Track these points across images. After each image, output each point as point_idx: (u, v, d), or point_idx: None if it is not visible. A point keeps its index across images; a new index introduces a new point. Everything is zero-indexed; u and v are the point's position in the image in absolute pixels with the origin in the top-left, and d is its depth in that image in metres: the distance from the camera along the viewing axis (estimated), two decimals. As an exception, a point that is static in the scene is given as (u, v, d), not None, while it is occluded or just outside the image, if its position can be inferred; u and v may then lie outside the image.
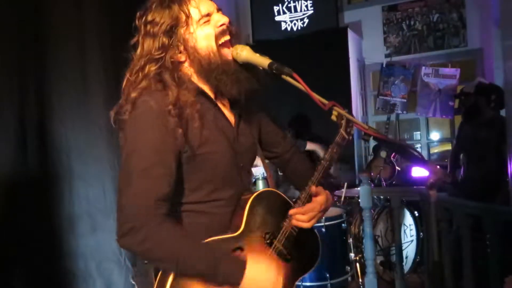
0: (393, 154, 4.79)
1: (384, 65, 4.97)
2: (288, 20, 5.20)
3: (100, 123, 2.51)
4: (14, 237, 2.14)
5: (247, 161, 1.38)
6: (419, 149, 5.32)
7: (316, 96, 1.14)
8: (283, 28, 5.22)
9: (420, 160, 1.28)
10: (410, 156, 1.29)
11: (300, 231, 1.34)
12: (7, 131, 2.15)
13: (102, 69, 2.56)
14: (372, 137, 1.28)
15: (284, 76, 1.17)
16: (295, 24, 5.17)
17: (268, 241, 1.31)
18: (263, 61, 1.20)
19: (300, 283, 3.47)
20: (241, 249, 1.22)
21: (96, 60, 2.57)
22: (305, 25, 5.12)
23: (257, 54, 1.23)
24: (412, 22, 5.02)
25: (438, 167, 1.31)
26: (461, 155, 3.51)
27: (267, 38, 5.13)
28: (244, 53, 1.23)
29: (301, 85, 1.12)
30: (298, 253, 1.37)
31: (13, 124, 2.18)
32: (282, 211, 1.34)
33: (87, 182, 2.47)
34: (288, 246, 1.33)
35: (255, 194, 1.30)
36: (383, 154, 4.83)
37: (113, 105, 2.61)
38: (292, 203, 1.38)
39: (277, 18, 5.25)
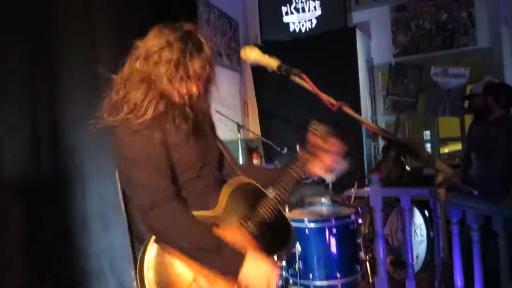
0: (403, 153, 4.78)
1: (392, 65, 4.96)
2: (296, 21, 5.22)
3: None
4: (27, 236, 2.18)
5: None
6: (428, 149, 5.31)
7: (324, 97, 1.16)
8: (291, 29, 5.24)
9: (428, 159, 1.29)
10: (418, 155, 1.30)
11: (275, 218, 1.46)
12: (20, 131, 2.18)
13: (112, 69, 2.59)
14: (380, 136, 1.30)
15: (292, 77, 1.19)
16: (303, 25, 5.19)
17: (243, 222, 1.43)
18: (272, 62, 1.22)
19: (310, 283, 3.49)
20: (217, 225, 1.35)
21: (107, 60, 2.61)
22: (313, 25, 5.14)
23: (266, 55, 1.25)
24: (420, 22, 5.01)
25: (447, 165, 1.31)
26: (472, 154, 3.50)
27: (275, 39, 5.15)
28: (253, 54, 1.25)
29: (309, 86, 1.14)
30: (269, 235, 1.47)
31: (26, 125, 2.22)
32: (257, 198, 1.47)
33: (99, 181, 2.51)
34: (261, 228, 1.44)
35: (236, 183, 1.45)
36: (392, 154, 4.82)
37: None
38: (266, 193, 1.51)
39: (285, 19, 5.27)
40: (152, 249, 1.26)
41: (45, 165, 2.30)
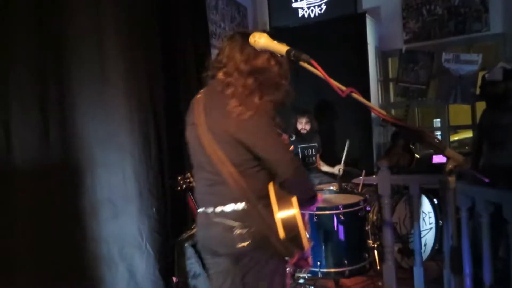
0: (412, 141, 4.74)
1: (403, 51, 4.89)
2: (305, 6, 5.15)
3: (120, 112, 2.55)
4: (38, 223, 2.20)
5: None
6: (439, 136, 5.25)
7: (334, 83, 1.14)
8: (300, 15, 5.18)
9: (438, 147, 1.28)
10: (429, 142, 1.29)
11: None
12: (30, 121, 2.20)
13: (121, 59, 2.59)
14: (390, 123, 1.28)
15: (302, 63, 1.17)
16: (312, 10, 5.12)
17: None
18: (281, 48, 1.21)
19: (317, 269, 3.50)
20: None
21: (115, 49, 2.61)
22: (322, 11, 5.07)
23: (275, 41, 1.24)
24: (432, 7, 4.91)
25: (457, 154, 1.30)
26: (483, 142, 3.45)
27: (284, 25, 5.10)
28: (262, 40, 1.24)
29: (319, 72, 1.12)
30: None
31: (36, 114, 2.24)
32: None
33: (108, 169, 2.53)
34: None
35: None
36: (401, 141, 4.78)
37: (131, 94, 2.66)
38: None
39: (294, 5, 5.21)
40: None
41: (55, 153, 2.32)
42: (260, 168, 1.61)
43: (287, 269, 1.71)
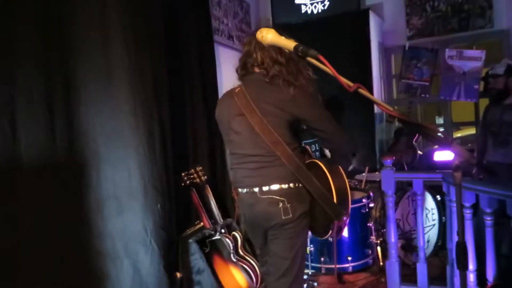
0: (416, 138, 4.74)
1: (406, 48, 4.87)
2: (308, 3, 5.14)
3: (125, 108, 2.56)
4: (43, 219, 2.21)
5: None
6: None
7: (341, 78, 1.14)
8: (303, 11, 5.16)
9: (444, 142, 1.28)
10: (435, 138, 1.29)
11: None
12: (35, 116, 2.20)
13: (126, 55, 2.60)
14: (396, 119, 1.29)
15: (309, 58, 1.18)
16: (315, 6, 5.11)
17: None
18: (289, 44, 1.21)
19: (321, 265, 3.52)
20: None
21: (120, 46, 2.61)
22: (325, 7, 5.05)
23: (283, 37, 1.24)
24: (436, 3, 4.89)
25: (463, 149, 1.30)
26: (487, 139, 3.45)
27: (287, 22, 5.09)
28: (270, 36, 1.24)
29: (327, 67, 1.13)
30: None
31: (41, 110, 2.24)
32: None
33: (113, 165, 2.53)
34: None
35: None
36: (404, 138, 4.78)
37: (136, 91, 2.66)
38: None
39: (297, 1, 5.19)
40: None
41: (61, 148, 2.32)
42: (299, 146, 2.00)
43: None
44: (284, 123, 1.89)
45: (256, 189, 1.93)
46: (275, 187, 1.90)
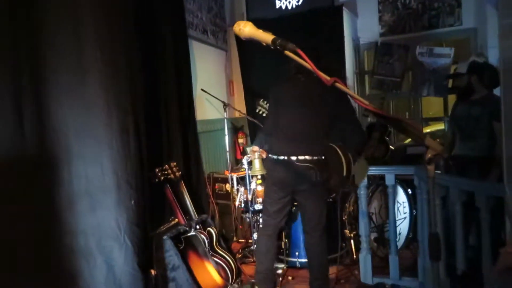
0: (387, 133, 4.83)
1: (379, 44, 4.96)
2: (282, -2, 5.15)
3: (98, 102, 2.49)
4: (13, 217, 2.14)
5: None
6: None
7: (319, 72, 1.15)
8: (277, 7, 5.17)
9: (420, 136, 1.31)
10: (410, 132, 1.31)
11: None
12: (3, 111, 2.12)
13: (98, 48, 2.53)
14: (372, 113, 1.30)
15: (287, 52, 1.17)
16: (289, 2, 5.12)
17: None
18: (267, 37, 1.20)
19: (296, 259, 3.55)
20: None
21: (92, 39, 2.54)
22: (299, 3, 5.08)
23: (260, 30, 1.23)
24: (407, 1, 5.00)
25: (437, 142, 1.33)
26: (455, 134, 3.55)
27: (261, 17, 5.08)
28: (247, 29, 1.23)
29: (305, 61, 1.13)
30: None
31: (9, 105, 2.15)
32: None
33: (85, 161, 2.47)
34: None
35: None
36: (376, 133, 4.86)
37: (109, 85, 2.60)
38: None
39: (272, -4, 5.19)
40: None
41: (30, 144, 2.25)
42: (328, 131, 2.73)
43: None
44: (321, 110, 2.69)
45: (294, 158, 2.66)
46: (308, 157, 2.65)
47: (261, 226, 3.11)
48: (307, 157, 2.64)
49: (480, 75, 3.29)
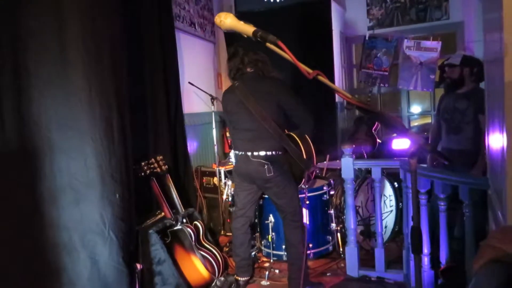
0: (375, 127, 4.86)
1: (366, 38, 4.96)
2: (271, -10, 5.11)
3: (80, 95, 2.44)
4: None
5: None
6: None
7: (301, 65, 1.13)
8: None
9: (402, 130, 1.31)
10: (392, 125, 1.31)
11: None
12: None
13: (81, 40, 2.47)
14: (355, 106, 1.30)
15: (268, 44, 1.16)
16: (278, -5, 5.08)
17: None
18: (247, 29, 1.18)
19: (282, 253, 3.56)
20: None
21: (75, 30, 2.48)
22: (288, -4, 5.05)
23: (241, 22, 1.21)
24: (395, -6, 5.00)
25: (419, 136, 1.33)
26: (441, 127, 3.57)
27: (249, 10, 5.05)
28: (228, 20, 1.21)
29: (286, 53, 1.11)
30: None
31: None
32: None
33: (68, 154, 2.42)
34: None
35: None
36: (364, 127, 4.89)
37: (93, 76, 2.56)
38: None
39: (260, -11, 5.15)
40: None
41: (10, 136, 2.20)
42: (283, 124, 2.83)
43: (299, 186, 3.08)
44: (274, 105, 2.77)
45: (249, 153, 2.83)
46: (262, 153, 2.80)
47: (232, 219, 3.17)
48: (261, 153, 2.79)
49: (471, 69, 3.31)
